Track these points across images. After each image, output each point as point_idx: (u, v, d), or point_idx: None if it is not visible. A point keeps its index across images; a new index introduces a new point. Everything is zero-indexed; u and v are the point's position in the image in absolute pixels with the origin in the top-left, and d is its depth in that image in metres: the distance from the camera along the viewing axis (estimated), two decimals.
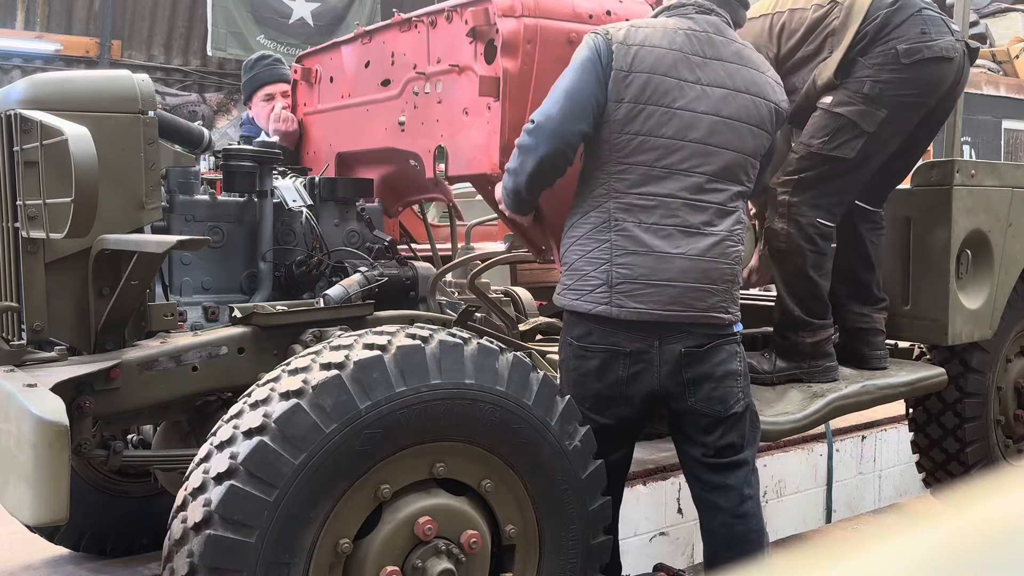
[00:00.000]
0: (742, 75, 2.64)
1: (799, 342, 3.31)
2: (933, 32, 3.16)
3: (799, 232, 3.22)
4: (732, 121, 2.60)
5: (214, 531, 2.06)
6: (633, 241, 2.53)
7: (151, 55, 13.02)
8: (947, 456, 4.11)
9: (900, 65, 3.13)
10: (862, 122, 3.16)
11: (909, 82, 3.16)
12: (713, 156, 2.58)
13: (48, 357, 2.55)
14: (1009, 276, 3.84)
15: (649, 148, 2.54)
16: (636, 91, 2.53)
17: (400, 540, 2.27)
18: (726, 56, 2.63)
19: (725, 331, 2.65)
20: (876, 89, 3.15)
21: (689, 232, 2.55)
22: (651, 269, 2.52)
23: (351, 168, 3.84)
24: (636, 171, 2.55)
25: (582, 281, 2.59)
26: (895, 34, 3.14)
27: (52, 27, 12.28)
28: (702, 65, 2.58)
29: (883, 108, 3.15)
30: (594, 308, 2.56)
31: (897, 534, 0.64)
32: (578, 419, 2.51)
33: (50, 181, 2.41)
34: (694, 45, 2.60)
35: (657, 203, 2.54)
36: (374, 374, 2.20)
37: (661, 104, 2.54)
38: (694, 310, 2.56)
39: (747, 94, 2.63)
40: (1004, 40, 13.06)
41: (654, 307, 2.53)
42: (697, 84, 2.57)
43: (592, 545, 2.54)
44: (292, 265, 3.39)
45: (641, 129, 2.54)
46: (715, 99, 2.58)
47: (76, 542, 3.73)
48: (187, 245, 2.53)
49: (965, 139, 10.98)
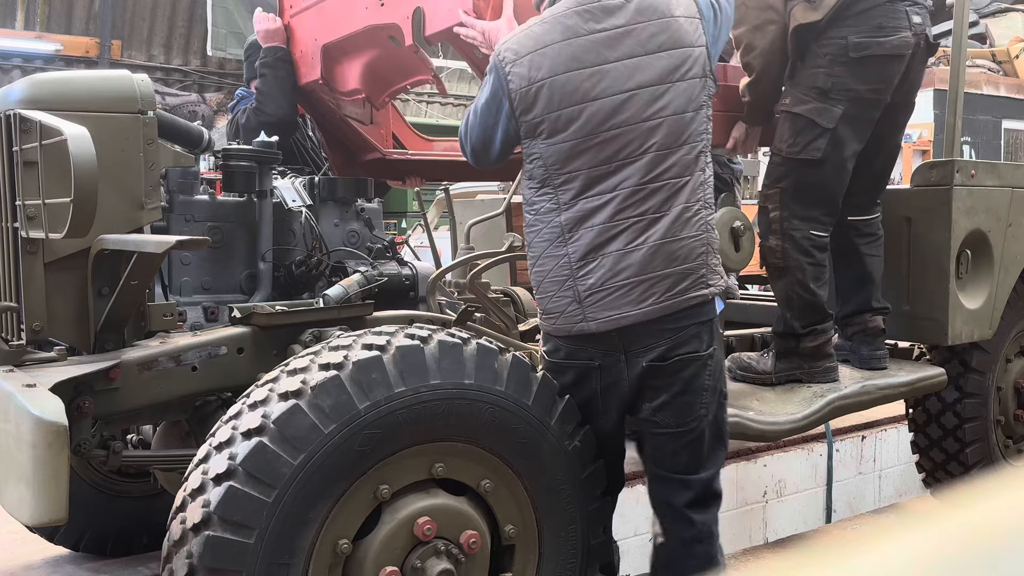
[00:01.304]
0: (649, 31, 2.42)
1: (799, 347, 3.32)
2: (889, 27, 3.13)
3: (795, 247, 3.21)
4: (657, 86, 2.42)
5: (213, 532, 2.05)
6: (589, 249, 2.41)
7: (151, 55, 13.02)
8: (947, 456, 4.11)
9: (848, 59, 3.11)
10: (820, 119, 3.14)
11: (859, 76, 3.13)
12: (651, 131, 2.40)
13: (47, 357, 2.55)
14: (1009, 276, 3.84)
15: (583, 150, 2.40)
16: (545, 102, 2.40)
17: (399, 540, 2.27)
18: (627, 20, 2.43)
19: (706, 316, 2.47)
20: (829, 83, 3.13)
21: (645, 220, 2.40)
22: (614, 271, 2.39)
23: (337, 61, 3.82)
24: (578, 177, 2.42)
25: (552, 303, 2.49)
26: (852, 21, 3.11)
27: (52, 27, 12.28)
28: (606, 42, 2.40)
29: (839, 103, 3.13)
30: (571, 328, 2.45)
31: (897, 534, 0.64)
32: (577, 419, 2.50)
33: (49, 181, 2.41)
34: (589, 23, 2.41)
35: (606, 200, 2.40)
36: (373, 374, 2.20)
37: (575, 103, 2.39)
38: (669, 298, 2.40)
39: (662, 52, 2.42)
40: (1004, 40, 13.04)
41: (627, 308, 2.39)
42: (606, 64, 2.40)
43: (592, 545, 2.54)
44: (292, 265, 3.39)
45: (568, 134, 2.40)
46: (632, 71, 2.40)
47: (76, 542, 3.73)
48: (186, 245, 2.53)
49: (965, 139, 10.98)
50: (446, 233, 4.74)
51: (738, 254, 3.29)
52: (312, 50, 3.83)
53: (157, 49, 13.08)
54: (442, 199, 4.88)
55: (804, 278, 3.23)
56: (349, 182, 3.66)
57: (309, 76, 3.87)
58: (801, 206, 3.22)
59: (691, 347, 2.44)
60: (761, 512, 4.69)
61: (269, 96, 3.92)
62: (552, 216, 2.45)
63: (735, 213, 3.33)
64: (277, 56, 3.92)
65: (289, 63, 3.94)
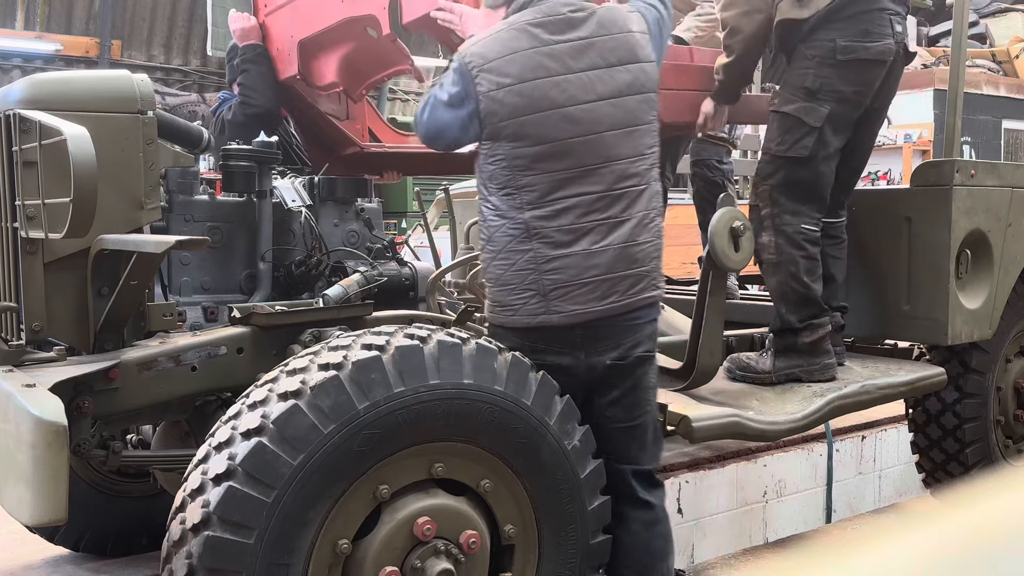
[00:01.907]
0: (609, 45, 2.55)
1: (797, 343, 3.34)
2: (875, 34, 3.22)
3: (788, 241, 3.27)
4: (618, 99, 2.54)
5: (213, 532, 2.05)
6: (556, 246, 2.49)
7: (151, 55, 13.01)
8: (947, 456, 4.11)
9: (836, 61, 3.20)
10: (807, 118, 3.23)
11: (845, 78, 3.23)
12: (612, 141, 2.52)
13: (47, 357, 2.55)
14: (1009, 276, 3.84)
15: (548, 155, 2.48)
16: (512, 108, 2.47)
17: (399, 540, 2.27)
18: (589, 32, 2.54)
19: (656, 315, 2.66)
20: (817, 83, 3.22)
21: (609, 223, 2.51)
22: (580, 268, 2.49)
23: (313, 56, 3.86)
24: (543, 180, 2.49)
25: (513, 295, 2.54)
26: (840, 25, 3.20)
27: (52, 27, 12.27)
28: (570, 53, 2.51)
29: (825, 103, 3.22)
30: (532, 320, 2.52)
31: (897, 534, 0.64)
32: (577, 419, 2.50)
33: (49, 181, 2.41)
34: (554, 34, 2.51)
35: (573, 204, 2.49)
36: (372, 374, 2.20)
37: (541, 110, 2.47)
38: (629, 297, 2.54)
39: (620, 66, 2.55)
40: (1004, 40, 13.04)
41: (591, 304, 2.50)
42: (571, 74, 2.50)
43: (592, 545, 2.54)
44: (291, 265, 3.39)
45: (533, 140, 2.48)
46: (594, 83, 2.51)
47: (76, 542, 3.73)
48: (186, 245, 2.53)
49: (965, 139, 10.97)
50: (446, 233, 4.75)
51: (738, 254, 3.28)
52: (288, 47, 3.88)
53: (157, 49, 13.07)
54: (442, 199, 4.89)
55: (798, 271, 3.28)
56: (349, 182, 3.66)
57: (286, 72, 3.93)
58: (791, 201, 3.28)
59: (646, 347, 2.63)
60: (761, 512, 4.69)
61: (254, 88, 3.98)
62: (516, 214, 2.51)
63: (735, 213, 3.33)
64: (256, 52, 4.00)
65: (268, 58, 4.01)
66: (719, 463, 4.56)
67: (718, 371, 3.26)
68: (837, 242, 3.56)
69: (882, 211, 3.73)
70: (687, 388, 3.18)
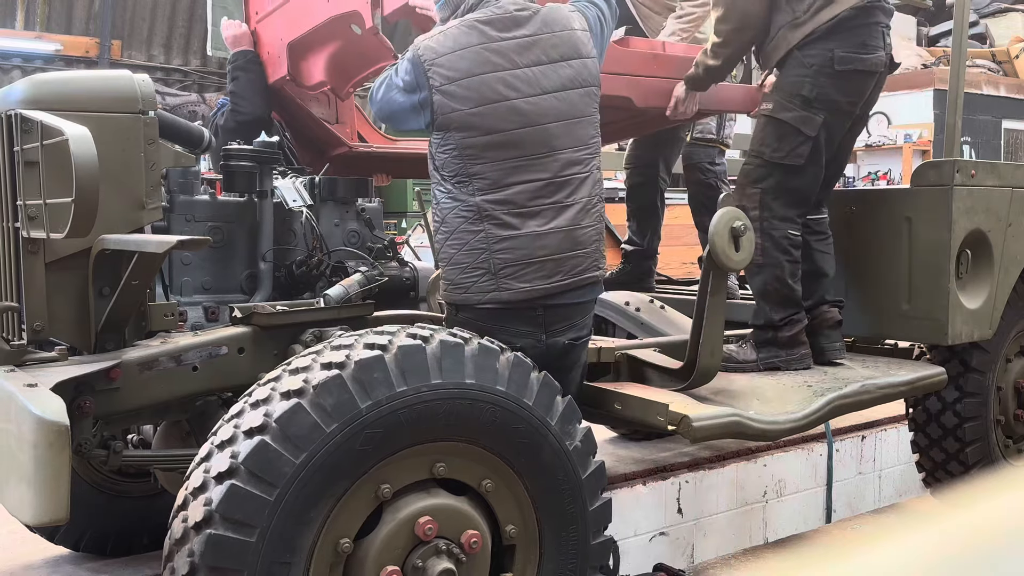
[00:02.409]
0: (552, 42, 2.74)
1: (777, 337, 3.46)
2: (871, 45, 3.33)
3: (774, 245, 3.37)
4: (562, 92, 2.73)
5: (215, 530, 2.06)
6: (506, 227, 2.66)
7: (151, 55, 13.01)
8: (947, 456, 4.10)
9: (833, 71, 3.29)
10: (804, 127, 3.32)
11: (841, 89, 3.33)
12: (558, 131, 2.70)
13: (48, 357, 2.55)
14: (1009, 276, 3.84)
15: (497, 145, 2.66)
16: (462, 100, 2.65)
17: (400, 540, 2.27)
18: (534, 30, 2.73)
19: (598, 291, 2.87)
20: (814, 92, 3.31)
21: (556, 207, 2.70)
22: (529, 249, 2.66)
23: (302, 57, 3.98)
24: (493, 168, 2.66)
25: (464, 274, 2.70)
26: (840, 36, 3.29)
27: (52, 27, 12.26)
28: (516, 49, 2.69)
29: (820, 112, 3.31)
30: (483, 297, 2.68)
31: (897, 534, 0.64)
32: (578, 419, 2.50)
33: (50, 181, 2.41)
34: (501, 31, 2.70)
35: (521, 189, 2.67)
36: (375, 374, 2.21)
37: (490, 102, 2.65)
38: (573, 276, 2.72)
39: (563, 61, 2.74)
40: (1004, 40, 13.04)
41: (539, 283, 2.67)
42: (517, 69, 2.68)
43: (592, 545, 2.54)
44: (292, 265, 3.39)
45: (483, 129, 2.65)
46: (539, 78, 2.69)
47: (76, 542, 3.72)
48: (187, 245, 2.53)
49: (965, 139, 10.97)
50: None
51: (738, 254, 3.29)
52: (279, 49, 4.01)
53: (157, 49, 13.06)
54: None
55: (782, 274, 3.40)
56: (350, 182, 3.66)
57: (277, 74, 4.04)
58: (782, 207, 3.37)
59: (590, 328, 2.89)
60: (761, 512, 4.69)
61: (243, 96, 4.08)
62: (467, 197, 2.69)
63: (735, 213, 3.33)
64: (247, 59, 4.12)
65: (259, 64, 4.12)
66: (719, 463, 4.56)
67: None
68: (823, 237, 3.63)
69: (882, 211, 3.74)
70: (687, 388, 3.18)
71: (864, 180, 11.23)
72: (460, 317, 2.76)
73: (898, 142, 10.89)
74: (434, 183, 2.79)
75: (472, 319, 2.71)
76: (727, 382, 3.38)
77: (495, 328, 2.66)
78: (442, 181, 2.74)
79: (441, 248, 2.78)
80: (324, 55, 3.85)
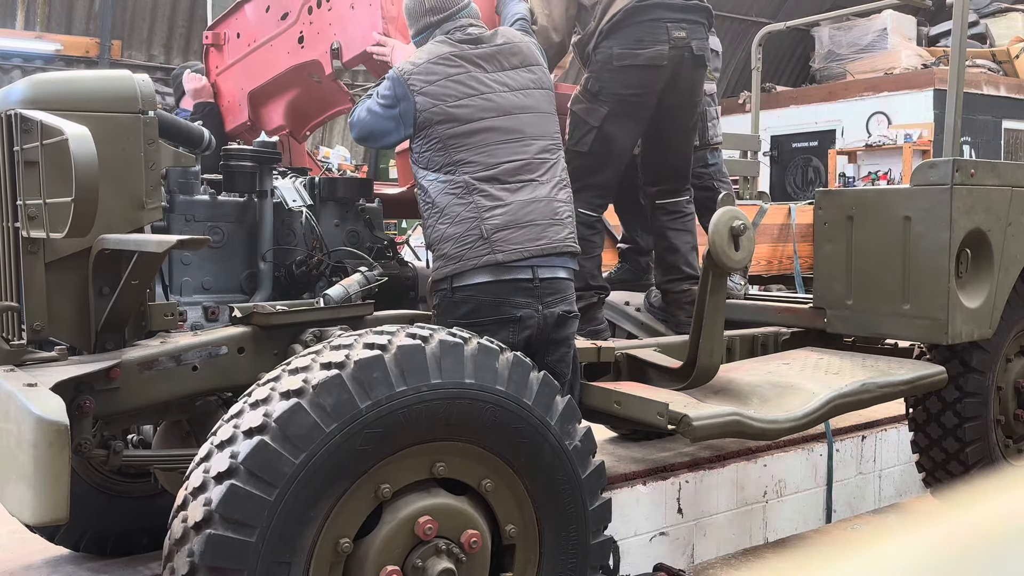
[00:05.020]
0: (513, 51, 3.14)
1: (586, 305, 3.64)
2: (647, 41, 3.59)
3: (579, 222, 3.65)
4: (526, 90, 3.11)
5: (215, 530, 2.06)
6: (493, 199, 2.93)
7: (151, 55, 12.99)
8: (947, 456, 4.11)
9: (613, 67, 3.62)
10: (588, 117, 3.65)
11: (622, 82, 3.62)
12: (529, 120, 3.05)
13: (48, 357, 2.55)
14: (1009, 275, 3.84)
15: (477, 131, 2.96)
16: (441, 97, 2.96)
17: (400, 540, 2.27)
18: (496, 43, 3.12)
19: (575, 264, 3.10)
20: (597, 86, 3.65)
21: (533, 183, 3.00)
22: (516, 215, 2.93)
23: (262, 104, 4.19)
24: (478, 151, 2.96)
25: (458, 245, 2.91)
26: (618, 35, 3.60)
27: (52, 27, 12.26)
28: (484, 57, 3.07)
29: (604, 104, 3.62)
30: (479, 262, 2.87)
31: (897, 534, 0.64)
32: (578, 418, 2.50)
33: (50, 181, 2.41)
34: (468, 46, 3.07)
35: (505, 168, 2.97)
36: (375, 373, 2.21)
37: (466, 96, 2.98)
38: (557, 242, 2.99)
39: (524, 67, 3.14)
40: (1004, 40, 13.03)
41: (529, 244, 2.92)
42: (485, 74, 3.05)
43: (592, 545, 2.54)
44: (292, 265, 3.39)
45: (462, 119, 2.96)
46: (505, 80, 3.07)
47: (76, 542, 3.73)
48: (187, 245, 2.53)
49: (965, 139, 10.97)
50: None
51: (738, 253, 3.29)
52: (239, 98, 4.27)
53: (157, 49, 13.05)
54: None
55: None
56: (350, 182, 3.67)
57: (236, 121, 4.31)
58: (577, 188, 3.56)
59: (576, 309, 3.09)
60: (761, 512, 4.69)
61: None
62: (454, 177, 2.96)
63: (735, 213, 3.33)
64: (205, 111, 4.35)
65: (217, 114, 4.40)
66: (719, 463, 4.56)
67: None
68: (678, 216, 4.01)
69: (882, 211, 3.74)
70: (687, 388, 3.18)
71: (864, 180, 11.23)
72: (458, 296, 2.90)
73: (898, 142, 10.89)
74: (419, 179, 3.03)
75: (472, 295, 2.88)
76: (727, 382, 3.38)
77: (496, 301, 2.85)
78: (427, 175, 3.00)
79: (432, 230, 2.98)
80: (283, 101, 4.09)
